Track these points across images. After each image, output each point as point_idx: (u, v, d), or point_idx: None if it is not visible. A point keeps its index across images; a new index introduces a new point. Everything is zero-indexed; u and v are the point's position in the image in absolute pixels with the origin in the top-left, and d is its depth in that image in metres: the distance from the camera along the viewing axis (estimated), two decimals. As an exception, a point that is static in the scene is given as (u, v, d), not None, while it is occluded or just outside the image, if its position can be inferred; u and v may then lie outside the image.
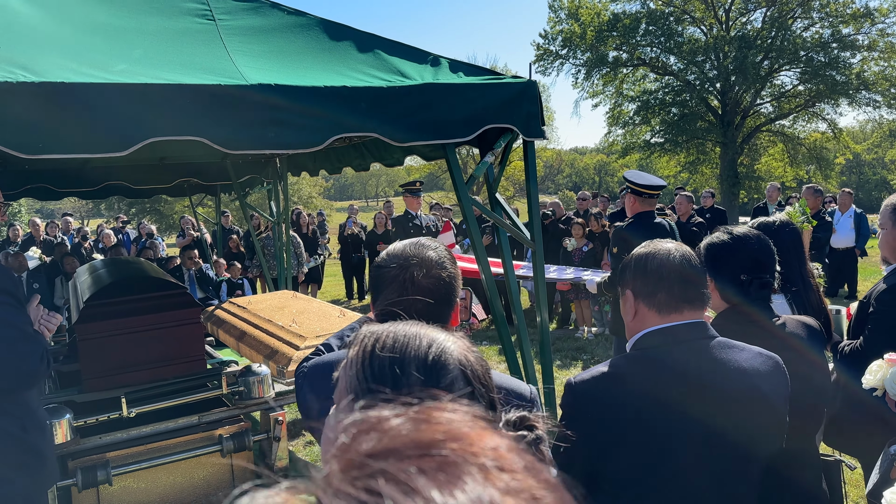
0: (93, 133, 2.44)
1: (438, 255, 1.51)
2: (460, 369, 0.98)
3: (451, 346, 1.01)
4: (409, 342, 1.00)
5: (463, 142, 3.27)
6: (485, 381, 0.99)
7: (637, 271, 1.69)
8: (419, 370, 0.97)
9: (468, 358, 1.00)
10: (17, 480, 2.35)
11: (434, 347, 1.00)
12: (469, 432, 0.44)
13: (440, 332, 1.04)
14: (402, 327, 1.04)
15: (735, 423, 1.59)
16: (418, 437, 0.42)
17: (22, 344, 2.27)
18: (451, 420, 0.45)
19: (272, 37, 3.24)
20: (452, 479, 0.39)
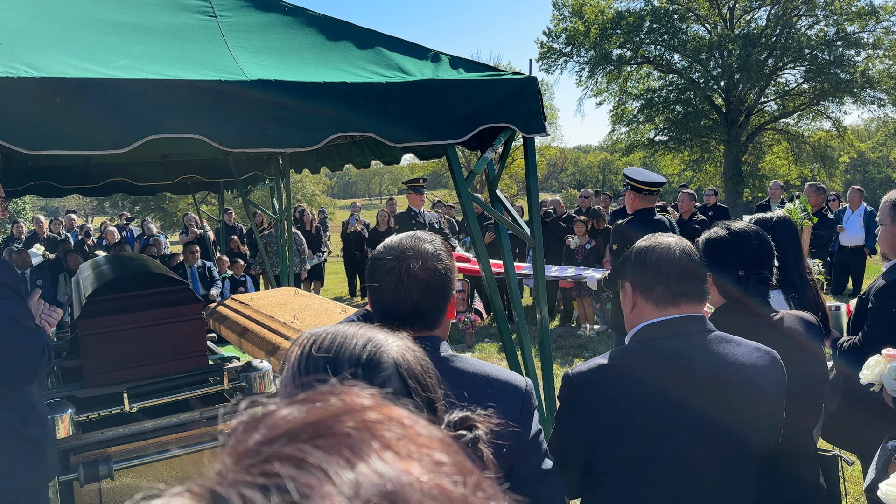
0: (94, 129, 2.46)
1: (435, 247, 1.52)
2: (395, 368, 0.97)
3: (389, 346, 1.00)
4: (346, 342, 1.00)
5: (457, 142, 3.27)
6: (423, 381, 0.99)
7: (636, 264, 1.70)
8: (351, 367, 0.96)
9: (405, 357, 0.99)
10: (17, 473, 2.37)
11: (370, 346, 0.99)
12: (365, 405, 0.43)
13: (381, 332, 1.03)
14: (343, 328, 1.04)
15: (731, 417, 1.60)
16: (311, 417, 0.41)
17: (23, 338, 2.28)
18: (344, 399, 0.44)
19: (273, 33, 3.25)
20: (351, 452, 0.38)
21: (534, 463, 1.50)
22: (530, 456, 1.50)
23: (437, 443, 0.42)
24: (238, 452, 0.40)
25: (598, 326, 8.78)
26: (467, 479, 0.41)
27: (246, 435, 0.41)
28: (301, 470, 0.37)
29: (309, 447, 0.38)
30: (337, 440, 0.39)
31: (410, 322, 1.47)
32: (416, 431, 0.43)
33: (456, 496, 0.39)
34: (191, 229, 11.12)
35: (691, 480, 1.59)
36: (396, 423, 0.42)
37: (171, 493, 0.39)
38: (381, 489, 0.37)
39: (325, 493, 0.36)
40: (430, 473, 0.39)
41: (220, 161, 6.82)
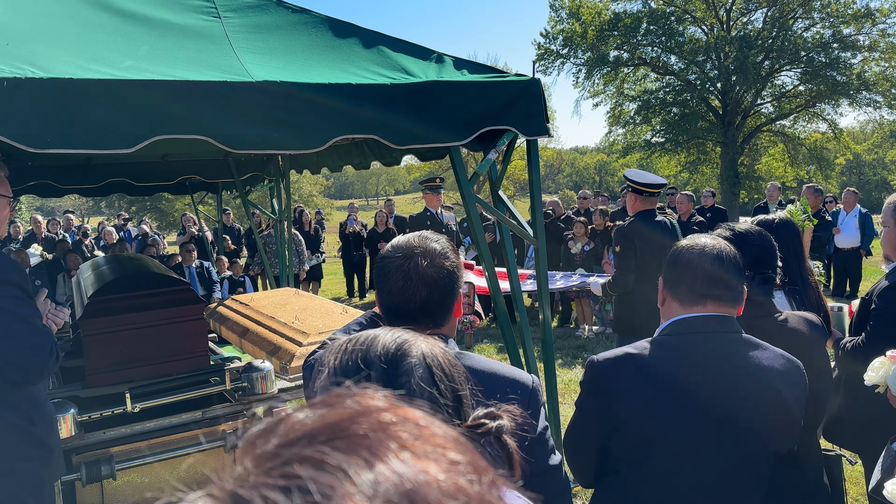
0: (100, 129, 2.46)
1: (442, 246, 1.54)
2: (422, 358, 1.01)
3: (419, 341, 1.04)
4: (379, 336, 1.04)
5: (459, 145, 3.29)
6: (449, 373, 1.01)
7: (669, 261, 1.76)
8: (381, 357, 1.00)
9: (433, 351, 1.03)
10: (24, 472, 2.37)
11: (399, 340, 1.03)
12: (380, 407, 0.44)
13: (412, 332, 1.07)
14: (378, 329, 1.08)
15: (747, 419, 1.61)
16: (327, 420, 0.42)
17: (32, 337, 2.29)
18: (359, 401, 0.44)
19: (277, 34, 3.26)
20: (369, 453, 0.39)
21: (541, 459, 1.52)
22: (537, 452, 1.52)
23: (452, 442, 0.43)
24: (257, 456, 0.40)
25: (597, 327, 8.80)
26: (483, 477, 0.42)
27: (264, 439, 0.42)
28: (321, 471, 0.38)
29: (328, 448, 0.39)
30: (355, 441, 0.40)
31: (418, 319, 1.49)
32: (432, 431, 0.43)
33: (473, 494, 0.39)
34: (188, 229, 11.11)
35: (703, 475, 1.61)
36: (412, 424, 0.43)
37: (190, 499, 0.39)
38: (400, 488, 0.37)
39: (345, 493, 0.36)
40: (447, 472, 0.40)
41: (220, 161, 6.81)
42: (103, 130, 2.47)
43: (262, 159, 6.81)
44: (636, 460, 1.65)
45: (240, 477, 0.40)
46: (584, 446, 1.72)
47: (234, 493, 0.38)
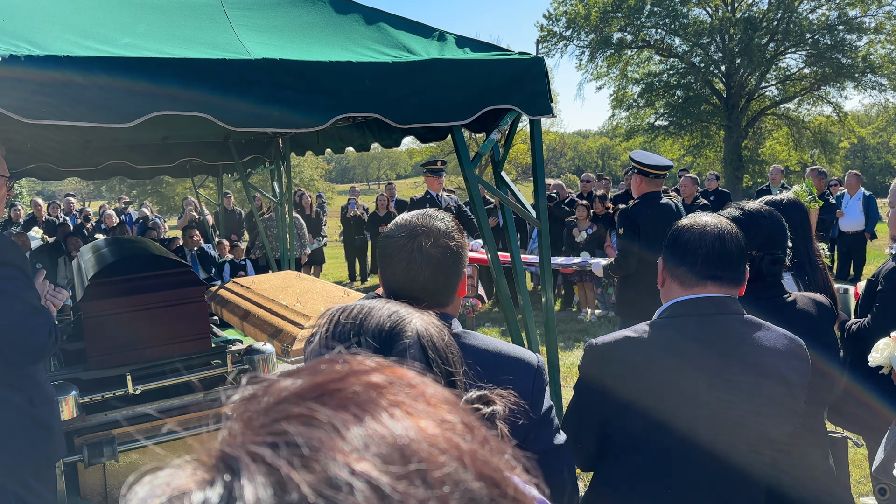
0: (97, 105, 2.43)
1: (446, 224, 1.51)
2: (417, 338, 0.99)
3: (414, 318, 1.02)
4: (372, 311, 1.02)
5: (462, 124, 3.24)
6: (443, 354, 1.00)
7: (668, 242, 1.73)
8: (374, 336, 0.98)
9: (428, 330, 1.01)
10: (25, 453, 2.37)
11: (394, 316, 1.01)
12: (371, 367, 0.43)
13: (408, 308, 1.05)
14: (372, 301, 1.06)
15: (749, 401, 1.59)
16: (316, 380, 0.41)
17: (31, 318, 2.27)
18: (349, 363, 0.44)
19: (277, 12, 3.20)
20: (359, 409, 0.38)
21: (546, 438, 1.51)
22: (542, 431, 1.51)
23: (444, 402, 0.43)
24: (245, 418, 0.40)
25: (599, 311, 8.79)
26: (475, 434, 0.41)
27: (251, 403, 0.41)
28: (310, 426, 0.37)
29: (317, 405, 0.38)
30: (344, 398, 0.39)
31: (422, 299, 1.47)
32: (423, 390, 0.43)
33: (465, 449, 0.39)
34: (187, 213, 11.07)
35: (705, 458, 1.59)
36: (404, 383, 0.43)
37: (178, 463, 0.39)
38: (391, 442, 0.37)
39: (335, 447, 0.36)
40: (440, 429, 0.39)
41: (220, 144, 6.77)
42: (100, 106, 2.43)
43: (262, 141, 6.76)
44: (636, 444, 1.63)
45: (227, 438, 0.39)
46: (583, 430, 1.70)
47: (221, 452, 0.37)
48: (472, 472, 0.38)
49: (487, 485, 0.38)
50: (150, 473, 0.39)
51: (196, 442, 0.39)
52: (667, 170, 4.40)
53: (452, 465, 0.37)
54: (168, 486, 0.37)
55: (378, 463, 0.36)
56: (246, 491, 0.34)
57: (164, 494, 0.37)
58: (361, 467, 0.35)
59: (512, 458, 0.43)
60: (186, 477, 0.38)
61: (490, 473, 0.39)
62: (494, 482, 0.38)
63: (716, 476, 1.60)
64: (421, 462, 0.36)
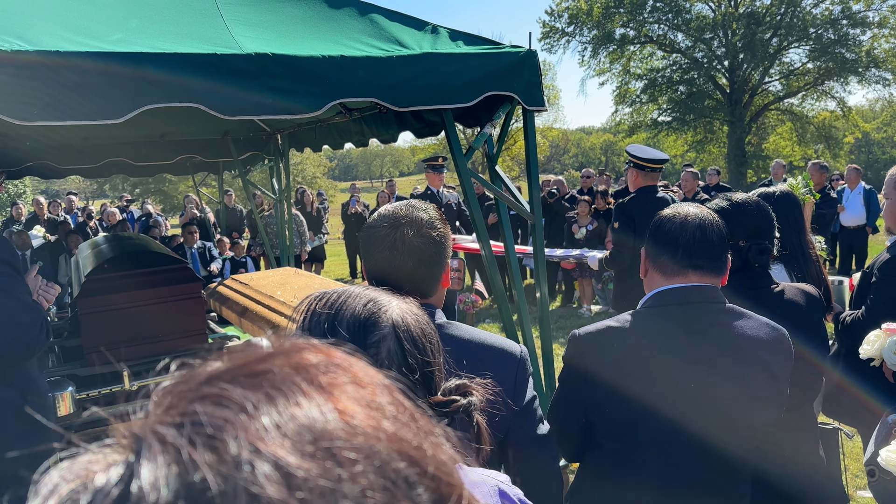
0: (87, 101, 2.43)
1: (429, 215, 1.51)
2: (392, 328, 0.97)
3: (391, 307, 1.00)
4: (348, 300, 1.01)
5: (464, 107, 3.23)
6: (420, 345, 0.98)
7: (652, 231, 1.72)
8: (349, 326, 0.97)
9: (405, 320, 0.99)
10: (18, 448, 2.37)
11: (370, 305, 1.00)
12: (295, 348, 0.42)
13: (386, 295, 1.03)
14: (351, 288, 1.05)
15: (732, 390, 1.59)
16: (237, 361, 0.40)
17: (22, 314, 2.27)
18: (275, 343, 0.42)
19: (269, 6, 3.20)
20: (273, 389, 0.37)
21: (529, 428, 1.51)
22: (525, 421, 1.51)
23: (373, 383, 0.42)
24: (163, 402, 0.39)
25: (598, 307, 8.77)
26: (401, 414, 0.40)
27: (174, 386, 0.40)
28: (218, 406, 0.36)
29: (229, 386, 0.37)
30: (259, 379, 0.38)
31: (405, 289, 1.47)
32: (352, 371, 0.41)
33: (386, 430, 0.38)
34: (189, 210, 11.10)
35: (688, 447, 1.59)
36: (331, 364, 0.41)
37: (98, 447, 0.38)
38: (302, 422, 0.36)
39: (241, 426, 0.35)
40: (363, 411, 0.38)
41: (219, 141, 6.78)
42: (91, 103, 2.43)
43: (261, 138, 6.77)
44: (620, 434, 1.63)
45: (142, 422, 0.38)
46: (568, 421, 1.70)
47: (132, 434, 0.37)
48: (391, 450, 0.37)
49: (407, 464, 0.37)
50: (69, 458, 0.39)
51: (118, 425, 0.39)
52: (663, 163, 4.39)
53: (369, 444, 0.36)
54: (82, 469, 0.37)
55: (286, 443, 0.35)
56: (144, 471, 0.34)
57: (76, 479, 0.36)
58: (266, 447, 0.34)
59: (442, 437, 0.41)
60: (101, 461, 0.37)
61: (410, 452, 0.38)
62: (414, 461, 0.38)
63: (699, 463, 1.60)
64: (333, 441, 0.36)
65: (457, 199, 8.30)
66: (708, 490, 1.61)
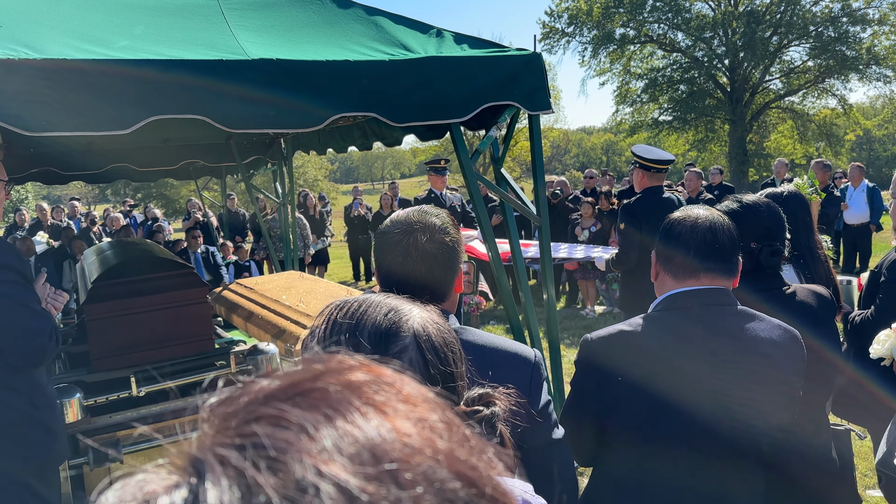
0: (95, 111, 2.43)
1: (442, 220, 1.51)
2: (413, 338, 0.96)
3: (412, 316, 0.99)
4: (369, 309, 1.00)
5: (460, 122, 3.23)
6: (441, 354, 0.97)
7: (661, 235, 1.72)
8: (371, 336, 0.96)
9: (426, 329, 0.98)
10: (27, 456, 2.37)
11: (391, 314, 0.98)
12: (348, 366, 0.42)
13: (407, 303, 1.02)
14: (371, 297, 1.03)
15: (745, 392, 1.59)
16: (290, 380, 0.40)
17: (31, 321, 2.28)
18: (327, 362, 0.42)
19: (274, 11, 3.20)
20: (331, 409, 0.37)
21: (544, 433, 1.50)
22: (540, 426, 1.50)
23: (424, 400, 0.42)
24: (216, 420, 0.39)
25: (602, 307, 8.76)
26: (454, 433, 0.40)
27: (225, 405, 0.40)
28: (278, 427, 0.36)
29: (287, 406, 0.37)
30: (316, 398, 0.38)
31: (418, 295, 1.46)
32: (401, 389, 0.42)
33: (442, 448, 0.38)
34: (192, 215, 11.11)
35: (701, 450, 1.58)
36: (382, 382, 0.41)
37: (151, 468, 0.38)
38: (361, 443, 0.36)
39: (302, 448, 0.35)
40: (416, 429, 0.38)
41: (222, 145, 6.78)
42: (99, 112, 2.44)
43: (264, 142, 6.77)
44: (634, 438, 1.63)
45: (198, 443, 0.38)
46: (582, 424, 1.70)
47: (190, 456, 0.37)
48: (449, 471, 0.37)
49: (464, 484, 0.37)
50: (122, 478, 0.39)
51: (172, 445, 0.38)
52: (668, 164, 4.38)
53: (427, 464, 0.36)
54: (139, 491, 0.37)
55: (347, 464, 0.35)
56: (210, 494, 0.34)
57: (134, 500, 0.36)
58: (329, 469, 0.34)
59: (494, 456, 0.41)
60: (157, 482, 0.37)
61: (467, 473, 0.38)
62: (471, 481, 0.37)
63: (713, 466, 1.60)
64: (393, 462, 0.35)
65: (460, 200, 8.30)
66: (723, 492, 1.61)
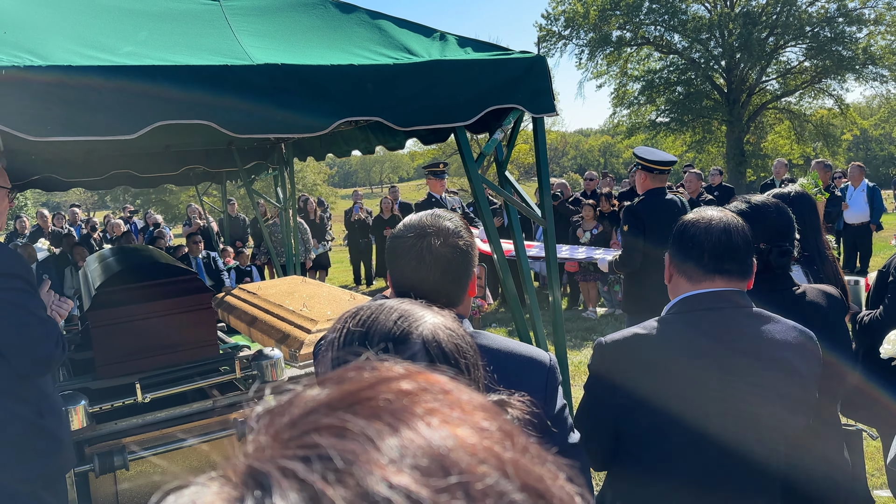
0: (100, 116, 2.43)
1: (455, 224, 1.50)
2: (422, 345, 0.95)
3: (423, 322, 0.97)
4: (380, 316, 0.99)
5: (464, 125, 3.23)
6: (452, 360, 0.96)
7: (675, 237, 1.71)
8: (380, 343, 0.95)
9: (437, 335, 0.96)
10: (34, 465, 2.36)
11: (401, 321, 0.97)
12: (401, 374, 0.41)
13: (420, 308, 1.00)
14: (385, 302, 1.02)
15: (762, 395, 1.58)
16: (345, 389, 0.39)
17: (37, 329, 2.27)
18: (378, 370, 0.42)
19: (277, 16, 3.20)
20: (393, 418, 0.37)
21: (560, 437, 1.49)
22: (557, 431, 1.49)
23: (480, 408, 0.41)
24: (272, 430, 0.38)
25: (603, 309, 8.76)
26: (515, 441, 0.40)
27: (278, 416, 0.39)
28: (342, 438, 0.35)
29: (349, 416, 0.37)
30: (377, 408, 0.38)
31: (432, 300, 1.45)
32: (458, 397, 0.41)
33: (506, 458, 0.37)
34: (193, 221, 11.11)
35: (718, 454, 1.58)
36: (437, 390, 0.41)
37: (203, 480, 0.37)
38: (429, 452, 0.35)
39: (370, 459, 0.34)
40: (478, 437, 0.38)
41: (224, 150, 6.77)
42: (104, 117, 2.43)
43: (265, 147, 6.77)
44: (649, 442, 1.62)
45: (255, 452, 0.37)
46: (596, 429, 1.69)
47: (250, 467, 0.36)
48: (516, 482, 0.36)
49: (531, 495, 0.36)
50: (173, 491, 0.38)
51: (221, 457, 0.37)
52: (671, 165, 4.39)
53: (494, 475, 0.35)
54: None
55: (417, 475, 0.34)
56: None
57: None
58: (399, 480, 0.33)
59: (555, 466, 0.40)
60: (213, 494, 0.36)
61: (533, 483, 0.37)
62: (539, 493, 0.36)
63: (730, 471, 1.59)
64: (461, 473, 0.35)
65: (460, 203, 8.31)
66: (738, 496, 1.60)
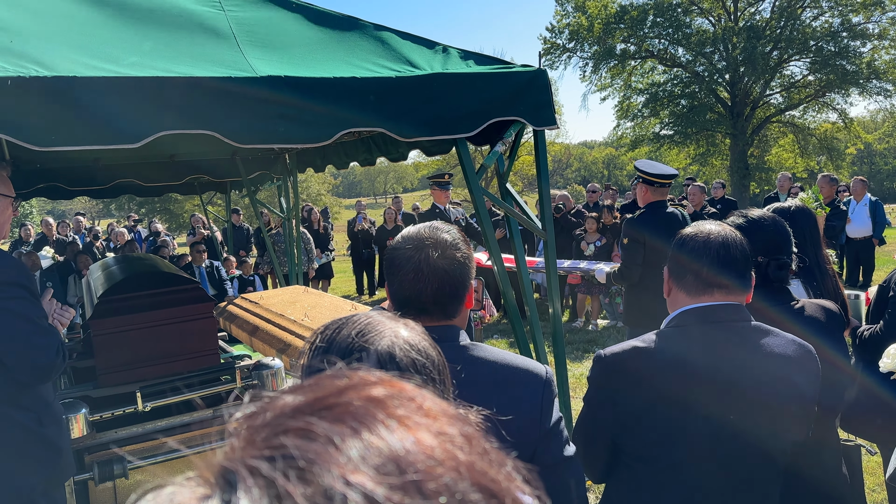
0: (105, 126, 2.45)
1: (453, 236, 1.51)
2: (376, 360, 0.96)
3: (382, 338, 0.98)
4: (343, 331, 0.99)
5: (466, 137, 3.25)
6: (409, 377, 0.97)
7: (674, 249, 1.72)
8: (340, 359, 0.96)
9: (393, 352, 0.97)
10: (34, 473, 2.37)
11: (359, 337, 0.98)
12: (370, 381, 0.44)
13: (385, 323, 1.00)
14: (354, 317, 1.03)
15: (761, 409, 1.58)
16: (315, 394, 0.42)
17: (38, 337, 2.28)
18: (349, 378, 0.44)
19: (280, 29, 3.23)
20: (357, 422, 0.39)
21: (555, 450, 1.49)
22: (552, 443, 1.49)
23: (444, 414, 0.43)
24: (244, 432, 0.41)
25: (605, 321, 8.74)
26: (474, 445, 0.41)
27: (253, 418, 0.42)
28: (307, 440, 0.38)
29: (314, 419, 0.39)
30: (342, 412, 0.40)
31: (429, 311, 1.47)
32: (422, 404, 0.43)
33: (462, 460, 0.39)
34: (197, 230, 11.14)
35: (717, 468, 1.57)
36: (403, 396, 0.43)
37: (181, 480, 0.40)
38: (386, 454, 0.37)
39: (330, 459, 0.36)
40: (437, 441, 0.40)
41: (228, 161, 6.81)
42: (108, 127, 2.46)
43: (269, 158, 6.80)
44: (648, 455, 1.62)
45: (227, 452, 0.40)
46: (594, 442, 1.69)
47: (220, 467, 0.38)
48: (470, 482, 0.38)
49: (485, 496, 0.38)
50: (152, 491, 0.40)
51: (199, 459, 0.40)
52: (672, 178, 4.40)
53: (449, 476, 0.38)
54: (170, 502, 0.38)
55: (374, 474, 0.36)
56: (242, 502, 0.35)
57: None
58: (356, 479, 0.36)
59: (512, 469, 0.43)
60: (188, 492, 0.38)
61: (488, 484, 0.39)
62: (492, 493, 0.39)
63: (728, 485, 1.59)
64: (417, 473, 0.37)
65: (464, 215, 8.32)
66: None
